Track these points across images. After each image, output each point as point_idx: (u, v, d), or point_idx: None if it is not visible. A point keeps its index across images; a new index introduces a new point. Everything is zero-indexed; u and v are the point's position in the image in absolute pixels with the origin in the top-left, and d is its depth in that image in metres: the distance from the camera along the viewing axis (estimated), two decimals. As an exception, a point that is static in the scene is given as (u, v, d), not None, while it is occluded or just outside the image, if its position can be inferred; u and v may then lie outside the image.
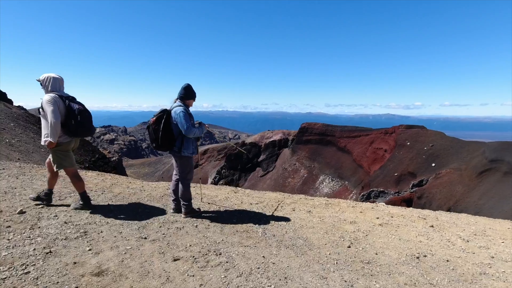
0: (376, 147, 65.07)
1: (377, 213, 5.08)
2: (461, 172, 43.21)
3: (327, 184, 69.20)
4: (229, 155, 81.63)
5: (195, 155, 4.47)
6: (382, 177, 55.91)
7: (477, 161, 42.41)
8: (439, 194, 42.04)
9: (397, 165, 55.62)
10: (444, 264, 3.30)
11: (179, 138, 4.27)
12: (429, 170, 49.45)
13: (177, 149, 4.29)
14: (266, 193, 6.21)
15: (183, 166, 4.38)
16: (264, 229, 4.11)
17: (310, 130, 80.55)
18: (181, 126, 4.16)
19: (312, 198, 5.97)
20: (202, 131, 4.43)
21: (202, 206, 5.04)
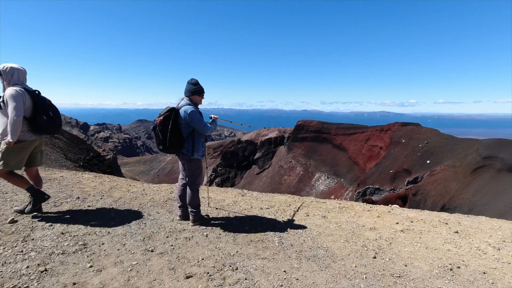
0: (371, 145, 65.28)
1: (395, 217, 4.80)
2: (456, 169, 43.53)
3: (323, 182, 69.30)
4: (225, 153, 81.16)
5: (203, 158, 4.13)
6: (378, 174, 56.14)
7: (471, 158, 42.74)
8: (434, 191, 42.29)
9: (392, 162, 55.88)
10: (481, 277, 3.03)
11: (189, 139, 3.93)
12: (424, 167, 49.76)
13: (186, 151, 3.95)
14: (275, 196, 5.89)
15: (193, 170, 4.03)
16: (280, 238, 3.79)
17: (306, 128, 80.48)
18: (197, 126, 3.87)
19: (324, 201, 5.67)
20: (216, 125, 4.16)
21: (209, 212, 4.70)
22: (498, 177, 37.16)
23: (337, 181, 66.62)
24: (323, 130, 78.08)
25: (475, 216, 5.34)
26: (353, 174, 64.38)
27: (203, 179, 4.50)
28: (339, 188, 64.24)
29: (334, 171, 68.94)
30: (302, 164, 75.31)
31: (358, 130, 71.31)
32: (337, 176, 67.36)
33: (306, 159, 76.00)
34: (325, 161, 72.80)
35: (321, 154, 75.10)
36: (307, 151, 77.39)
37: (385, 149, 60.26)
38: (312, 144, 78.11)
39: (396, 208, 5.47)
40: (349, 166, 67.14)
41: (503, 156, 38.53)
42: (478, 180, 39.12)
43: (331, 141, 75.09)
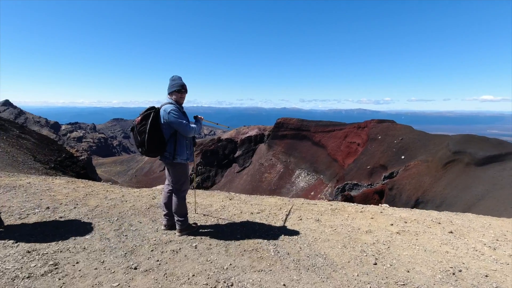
0: (349, 141, 66.81)
1: (388, 218, 4.71)
2: (428, 164, 45.43)
3: (303, 178, 70.10)
4: (205, 152, 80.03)
5: (191, 162, 3.78)
6: (356, 170, 57.58)
7: (442, 153, 44.75)
8: (409, 185, 43.94)
9: (369, 158, 57.51)
10: (484, 281, 2.95)
11: (171, 141, 3.58)
12: (399, 162, 51.57)
13: (168, 154, 3.60)
14: (264, 199, 5.64)
15: (177, 175, 3.69)
16: (275, 246, 3.55)
17: (286, 125, 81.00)
18: (177, 126, 3.51)
19: (315, 202, 5.50)
20: (201, 126, 3.79)
21: (197, 219, 4.37)
22: (467, 170, 39.17)
23: (316, 178, 67.63)
24: (302, 128, 78.92)
25: (463, 214, 5.39)
26: (332, 170, 65.62)
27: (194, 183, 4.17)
28: (319, 184, 65.29)
29: (314, 168, 69.93)
30: (282, 162, 75.78)
31: (336, 127, 72.72)
32: (317, 173, 68.38)
33: (286, 156, 76.54)
34: (305, 158, 73.68)
35: (301, 152, 75.91)
36: (287, 148, 77.95)
37: (363, 146, 61.90)
38: (292, 141, 78.77)
39: (387, 208, 5.40)
40: (328, 163, 68.35)
41: (471, 151, 40.59)
42: (449, 174, 41.08)
43: (311, 139, 76.08)
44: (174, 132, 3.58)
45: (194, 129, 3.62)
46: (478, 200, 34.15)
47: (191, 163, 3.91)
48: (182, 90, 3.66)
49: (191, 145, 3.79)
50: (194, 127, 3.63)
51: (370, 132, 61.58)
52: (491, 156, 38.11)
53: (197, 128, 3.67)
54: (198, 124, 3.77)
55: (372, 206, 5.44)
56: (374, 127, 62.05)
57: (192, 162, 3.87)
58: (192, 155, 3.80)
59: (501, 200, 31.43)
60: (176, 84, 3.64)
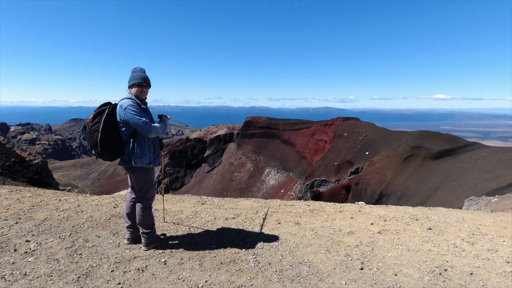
0: (317, 139, 68.56)
1: (368, 217, 4.61)
2: (390, 159, 47.95)
3: (273, 176, 70.71)
4: (173, 152, 77.58)
5: (156, 166, 3.31)
6: (324, 167, 59.23)
7: (402, 149, 47.45)
8: (373, 180, 46.07)
9: (336, 155, 59.42)
10: (471, 279, 2.88)
11: (130, 142, 3.10)
12: (364, 158, 53.86)
13: (127, 157, 3.12)
14: (239, 202, 5.29)
15: (140, 182, 3.21)
16: (255, 256, 3.23)
17: (255, 124, 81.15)
18: (136, 125, 3.03)
19: (292, 203, 5.27)
20: (166, 127, 3.33)
21: (166, 228, 3.91)
22: (424, 164, 41.95)
23: (286, 175, 68.55)
24: (271, 126, 79.56)
25: (436, 209, 5.50)
26: (301, 167, 66.90)
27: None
28: (288, 182, 66.25)
29: (283, 166, 70.80)
30: (252, 160, 75.84)
31: (304, 126, 74.23)
32: (286, 170, 69.32)
33: (256, 155, 76.71)
34: (274, 156, 74.36)
35: (270, 150, 76.49)
36: (256, 147, 78.13)
37: (330, 143, 63.84)
38: (261, 140, 79.11)
39: (364, 206, 5.33)
40: (297, 160, 69.58)
41: (427, 146, 43.51)
42: (408, 167, 43.70)
43: (280, 137, 76.94)
44: (134, 132, 3.10)
45: (157, 128, 3.14)
46: (434, 191, 36.70)
47: (158, 167, 3.45)
48: (143, 83, 3.17)
49: (155, 147, 3.31)
50: (157, 127, 3.15)
51: (336, 129, 63.65)
52: (444, 150, 41.10)
53: (160, 128, 3.18)
54: (162, 123, 3.28)
55: (349, 205, 5.34)
56: (340, 124, 64.23)
57: (159, 165, 3.41)
58: (157, 159, 3.34)
59: (454, 190, 34.04)
60: (137, 76, 3.16)
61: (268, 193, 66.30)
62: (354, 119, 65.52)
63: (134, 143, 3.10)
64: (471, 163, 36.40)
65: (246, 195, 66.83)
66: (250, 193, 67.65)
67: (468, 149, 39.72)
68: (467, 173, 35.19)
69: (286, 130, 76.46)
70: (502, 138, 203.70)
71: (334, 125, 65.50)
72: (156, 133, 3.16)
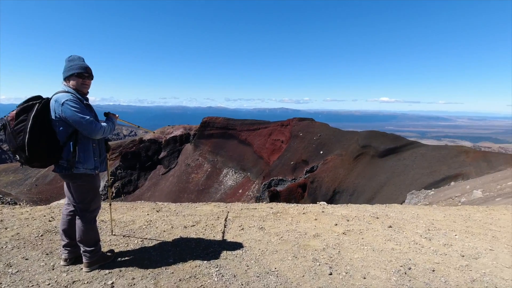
0: (274, 139, 69.80)
1: (331, 218, 4.58)
2: (342, 158, 50.67)
3: (230, 177, 70.26)
4: (125, 154, 72.84)
5: (102, 171, 2.83)
6: (281, 166, 60.47)
7: (353, 148, 50.47)
8: (327, 178, 48.26)
9: (292, 154, 61.07)
10: (434, 277, 2.93)
11: (69, 144, 2.60)
12: (319, 157, 56.14)
13: (65, 163, 2.60)
14: (198, 207, 4.91)
15: (81, 191, 2.71)
16: (218, 268, 2.93)
17: (212, 124, 79.95)
18: (78, 124, 2.53)
19: (255, 207, 5.05)
20: (114, 126, 2.87)
21: (114, 243, 3.41)
22: (372, 162, 45.12)
23: (244, 176, 68.61)
24: (229, 127, 79.07)
25: (392, 205, 5.73)
26: (259, 167, 67.49)
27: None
28: (246, 182, 66.42)
29: (241, 166, 70.77)
30: (210, 161, 74.57)
31: (261, 126, 75.09)
32: (244, 171, 69.39)
33: (213, 155, 75.59)
34: (232, 157, 74.00)
35: (228, 150, 75.94)
36: (214, 147, 77.01)
37: (286, 143, 65.40)
38: (219, 140, 78.20)
39: (327, 206, 5.33)
40: (255, 160, 70.06)
41: (375, 145, 46.85)
42: (359, 165, 46.64)
43: (237, 137, 76.81)
44: (74, 132, 2.60)
45: (104, 128, 2.68)
46: (381, 187, 39.65)
47: (104, 173, 2.97)
48: (84, 74, 2.68)
49: (101, 150, 2.83)
50: (104, 126, 2.69)
51: (292, 129, 65.45)
52: (390, 149, 44.59)
53: (107, 128, 2.73)
54: (109, 122, 2.82)
55: (312, 206, 5.30)
56: (296, 125, 66.18)
57: (105, 171, 2.94)
58: (103, 163, 2.86)
59: (398, 185, 37.14)
60: (76, 65, 2.65)
61: (226, 193, 65.75)
62: (309, 119, 68.02)
63: (75, 145, 2.59)
64: (412, 160, 40.03)
65: (203, 197, 65.48)
66: (207, 195, 66.44)
67: (409, 148, 43.58)
68: (408, 169, 38.62)
69: (243, 131, 76.58)
70: (436, 138, 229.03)
71: (290, 125, 67.30)
72: (103, 134, 2.68)
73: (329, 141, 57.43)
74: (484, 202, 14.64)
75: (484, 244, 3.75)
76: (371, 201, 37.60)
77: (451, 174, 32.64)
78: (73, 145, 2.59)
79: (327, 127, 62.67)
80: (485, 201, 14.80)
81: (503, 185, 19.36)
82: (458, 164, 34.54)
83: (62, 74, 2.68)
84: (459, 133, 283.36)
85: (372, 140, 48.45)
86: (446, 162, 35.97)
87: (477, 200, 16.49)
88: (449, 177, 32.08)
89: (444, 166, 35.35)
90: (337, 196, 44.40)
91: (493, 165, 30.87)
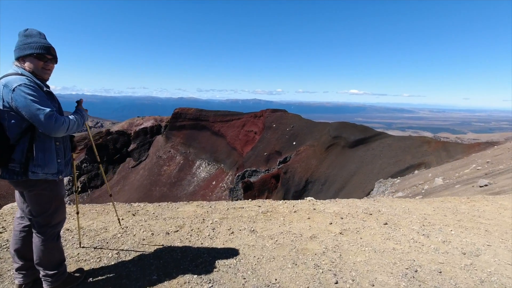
0: (247, 130, 69.50)
1: (324, 215, 4.33)
2: (314, 148, 51.70)
3: (204, 169, 69.14)
4: (91, 146, 68.71)
5: (67, 176, 2.27)
6: (254, 157, 60.51)
7: (325, 138, 51.63)
8: (300, 168, 49.07)
9: (266, 145, 61.27)
10: (442, 279, 2.78)
11: (23, 142, 2.02)
12: (291, 148, 56.84)
13: (18, 166, 2.03)
14: (180, 208, 4.44)
15: (41, 202, 2.15)
16: (211, 283, 2.54)
17: (184, 116, 77.72)
18: (33, 116, 1.95)
19: (241, 205, 4.67)
20: (83, 120, 2.30)
21: (83, 258, 2.87)
22: (343, 152, 46.49)
23: (217, 167, 67.82)
24: (201, 118, 77.36)
25: (381, 199, 5.64)
26: (232, 159, 67.02)
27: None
28: (220, 173, 65.78)
29: (214, 158, 69.84)
30: (182, 153, 72.72)
31: (234, 117, 74.31)
32: (217, 162, 68.58)
33: (186, 147, 73.77)
34: (205, 148, 72.73)
35: (200, 142, 74.45)
36: (186, 139, 75.10)
37: (259, 134, 65.38)
38: (191, 132, 76.35)
39: (315, 202, 5.09)
40: (228, 152, 69.43)
41: (345, 136, 48.24)
42: (330, 155, 47.85)
43: (210, 128, 75.46)
44: (30, 127, 2.04)
45: (68, 124, 2.09)
46: (351, 176, 41.06)
47: (70, 179, 2.42)
48: (47, 56, 2.10)
49: (66, 149, 2.27)
50: (68, 121, 2.10)
51: (265, 120, 65.48)
52: (359, 140, 46.15)
53: (72, 123, 2.13)
54: (77, 115, 2.24)
55: (301, 202, 5.03)
56: (269, 116, 66.25)
57: (70, 175, 2.39)
58: (69, 166, 2.31)
59: (367, 174, 38.65)
60: (36, 43, 2.05)
61: (199, 185, 64.75)
62: (282, 111, 68.36)
63: (31, 143, 2.02)
64: (379, 150, 41.76)
65: (176, 189, 63.95)
66: (180, 187, 64.97)
67: (377, 138, 45.38)
68: (376, 159, 40.28)
69: (216, 122, 75.32)
70: (401, 129, 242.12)
71: (264, 116, 67.26)
72: (67, 131, 2.10)
73: (302, 132, 58.23)
74: (445, 189, 15.52)
75: (480, 239, 3.72)
76: (342, 190, 38.87)
77: (414, 163, 34.52)
78: (29, 143, 2.02)
79: (299, 118, 63.39)
80: (446, 188, 15.71)
81: (461, 173, 20.76)
82: (421, 153, 36.60)
83: (14, 52, 2.07)
84: (421, 124, 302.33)
85: (343, 131, 49.79)
86: (410, 152, 37.95)
87: (438, 187, 17.49)
88: (413, 166, 33.92)
89: (408, 155, 37.27)
90: (309, 186, 45.37)
91: (452, 154, 33.08)
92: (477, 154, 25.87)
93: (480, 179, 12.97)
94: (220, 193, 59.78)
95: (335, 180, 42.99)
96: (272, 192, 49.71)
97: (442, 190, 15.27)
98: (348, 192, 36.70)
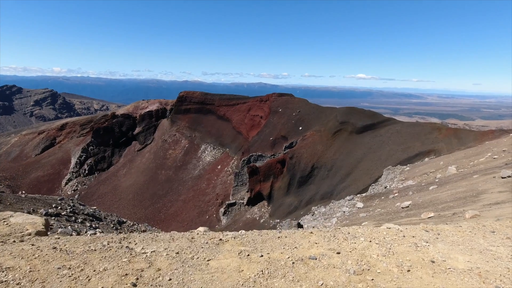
0: (253, 114, 68.85)
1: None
2: (321, 133, 51.06)
3: (209, 153, 69.35)
4: (97, 129, 69.08)
5: None
6: (260, 142, 60.21)
7: (332, 124, 50.85)
8: (306, 153, 48.68)
9: (272, 130, 60.77)
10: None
11: None
12: (297, 133, 56.29)
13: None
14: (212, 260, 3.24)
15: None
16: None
17: (189, 99, 77.23)
18: None
19: (309, 250, 3.56)
20: None
21: None
22: (350, 138, 45.82)
23: (223, 151, 67.92)
24: (206, 102, 76.82)
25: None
26: (238, 143, 66.90)
27: None
28: (225, 157, 65.92)
29: (220, 142, 69.83)
30: (187, 137, 72.84)
31: (240, 101, 73.54)
32: (223, 146, 68.60)
33: (191, 131, 73.79)
34: (210, 132, 72.64)
35: (205, 126, 74.30)
36: (191, 123, 75.00)
37: (265, 118, 64.75)
38: (196, 115, 76.10)
39: (427, 246, 4.05)
40: (233, 136, 69.24)
41: (353, 121, 47.41)
42: (337, 141, 47.25)
43: (215, 112, 75.05)
44: None
45: None
46: (358, 162, 40.59)
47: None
48: None
49: None
50: None
51: (271, 105, 64.65)
52: (367, 125, 45.30)
53: None
54: None
55: (394, 241, 3.85)
56: (275, 100, 65.35)
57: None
58: None
59: (374, 161, 38.12)
60: None
61: (205, 169, 65.15)
62: (288, 95, 67.33)
63: None
64: (387, 136, 40.97)
65: (182, 173, 64.45)
66: (186, 171, 65.45)
67: (385, 124, 44.49)
68: (384, 145, 39.58)
69: (221, 106, 74.76)
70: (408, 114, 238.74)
71: (270, 100, 66.38)
72: None
73: (308, 117, 57.42)
74: (461, 179, 14.99)
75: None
76: (348, 176, 38.57)
77: (424, 150, 33.79)
78: None
79: (306, 103, 62.41)
80: (463, 178, 15.17)
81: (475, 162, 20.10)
82: (431, 140, 35.77)
83: None
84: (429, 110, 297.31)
85: (351, 117, 48.90)
86: (420, 139, 37.12)
87: (453, 177, 16.95)
88: (423, 153, 33.24)
89: (417, 142, 36.50)
90: (315, 172, 45.15)
91: (464, 141, 32.25)
92: (492, 142, 25.11)
93: (502, 169, 12.40)
94: (225, 177, 60.11)
95: (342, 166, 42.59)
96: (278, 177, 49.69)
97: (458, 180, 14.76)
98: (355, 179, 36.40)
